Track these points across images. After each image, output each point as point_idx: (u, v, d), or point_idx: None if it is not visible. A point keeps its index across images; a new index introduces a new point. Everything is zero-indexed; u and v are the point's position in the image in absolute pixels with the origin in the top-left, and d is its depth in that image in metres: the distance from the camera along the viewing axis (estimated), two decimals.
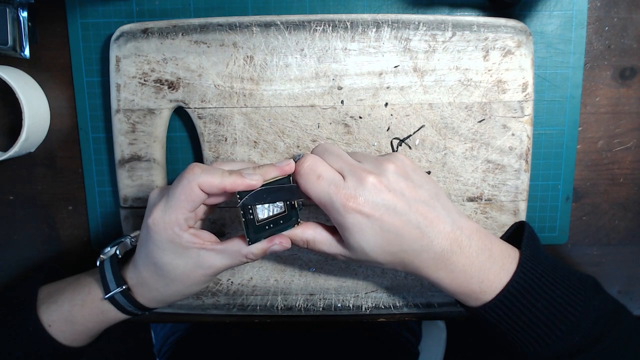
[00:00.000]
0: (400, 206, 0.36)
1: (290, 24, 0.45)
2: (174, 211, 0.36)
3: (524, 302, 0.37)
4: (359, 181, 0.36)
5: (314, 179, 0.37)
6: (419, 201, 0.37)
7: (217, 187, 0.35)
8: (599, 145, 0.50)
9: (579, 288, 0.37)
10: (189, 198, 0.35)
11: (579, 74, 0.48)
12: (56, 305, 0.42)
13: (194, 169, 0.36)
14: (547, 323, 0.36)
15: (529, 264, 0.38)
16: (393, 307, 0.50)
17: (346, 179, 0.36)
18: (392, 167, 0.37)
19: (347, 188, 0.36)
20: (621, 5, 0.48)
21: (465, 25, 0.45)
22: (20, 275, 0.54)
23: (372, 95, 0.46)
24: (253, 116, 0.47)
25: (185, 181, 0.35)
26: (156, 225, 0.37)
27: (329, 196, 0.36)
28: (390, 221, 0.36)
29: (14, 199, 0.52)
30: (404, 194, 0.36)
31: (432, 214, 0.37)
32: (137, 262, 0.40)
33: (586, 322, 0.36)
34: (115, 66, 0.46)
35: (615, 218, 0.52)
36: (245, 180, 0.35)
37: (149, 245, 0.38)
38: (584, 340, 0.36)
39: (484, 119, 0.46)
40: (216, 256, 0.38)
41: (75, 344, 0.42)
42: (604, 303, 0.38)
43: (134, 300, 0.41)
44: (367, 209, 0.35)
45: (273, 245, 0.38)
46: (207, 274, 0.39)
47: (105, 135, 0.50)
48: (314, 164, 0.37)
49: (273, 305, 0.50)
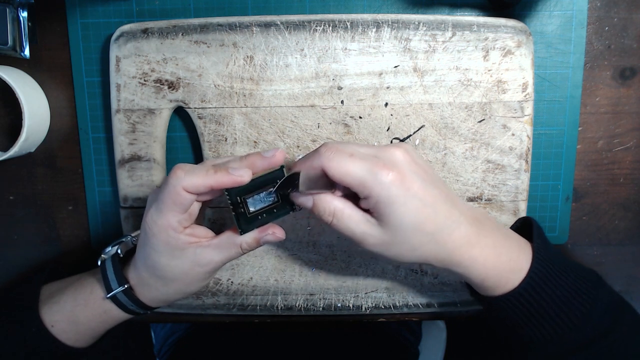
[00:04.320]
0: (429, 180, 0.35)
1: (290, 24, 0.45)
2: (164, 215, 0.36)
3: (546, 289, 0.36)
4: (392, 155, 0.35)
5: (347, 157, 0.34)
6: (437, 178, 0.37)
7: (203, 186, 0.35)
8: (599, 145, 0.50)
9: (588, 279, 0.38)
10: (176, 202, 0.35)
11: (579, 74, 0.48)
12: (58, 305, 0.42)
13: (177, 172, 0.35)
14: (564, 312, 0.36)
15: (543, 253, 0.38)
16: (393, 307, 0.50)
17: (377, 155, 0.35)
18: (408, 146, 0.36)
19: (384, 160, 0.34)
20: (621, 5, 0.48)
21: (465, 25, 0.45)
22: (20, 275, 0.54)
23: (372, 95, 0.46)
24: (253, 116, 0.47)
25: (170, 186, 0.35)
26: (151, 228, 0.37)
27: (369, 169, 0.33)
28: (427, 194, 0.34)
29: (14, 199, 0.52)
30: (427, 170, 0.36)
31: (449, 191, 0.37)
32: (137, 263, 0.40)
33: (596, 311, 0.36)
34: (115, 66, 0.46)
35: (615, 218, 0.52)
36: (232, 176, 0.35)
37: (147, 248, 0.38)
38: (595, 330, 0.36)
39: (484, 119, 0.46)
40: (213, 251, 0.38)
41: (78, 344, 0.42)
42: (610, 294, 0.38)
43: (136, 299, 0.41)
44: (408, 180, 0.34)
45: (266, 235, 0.37)
46: (205, 270, 0.39)
47: (105, 135, 0.50)
48: (339, 145, 0.35)
49: (273, 305, 0.50)
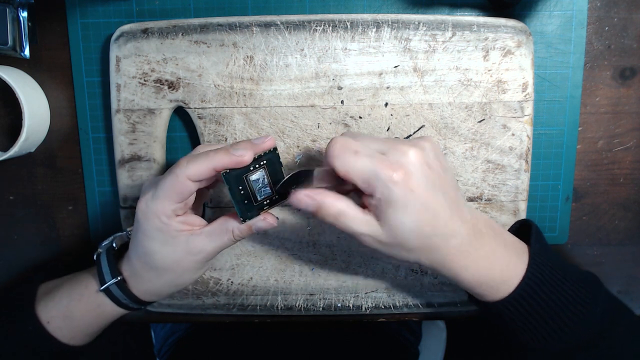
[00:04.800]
0: (438, 184, 0.35)
1: (290, 24, 0.45)
2: (160, 202, 0.36)
3: (541, 294, 0.36)
4: (402, 154, 0.34)
5: (351, 154, 0.34)
6: (448, 182, 0.36)
7: (206, 170, 0.35)
8: (599, 145, 0.50)
9: (586, 282, 0.38)
10: (177, 190, 0.36)
11: (579, 74, 0.48)
12: (54, 301, 0.42)
13: (181, 161, 0.36)
14: (561, 315, 0.36)
15: (540, 257, 0.38)
16: (393, 307, 0.50)
17: (387, 153, 0.35)
18: (428, 145, 0.36)
19: (390, 160, 0.34)
20: (621, 5, 0.48)
21: (465, 25, 0.45)
22: (20, 275, 0.54)
23: (372, 95, 0.46)
24: (253, 116, 0.47)
25: (173, 175, 0.36)
26: (144, 214, 0.37)
27: (373, 168, 0.33)
28: (430, 199, 0.34)
29: (14, 199, 0.52)
30: (439, 173, 0.35)
31: (457, 197, 0.36)
32: (130, 254, 0.41)
33: (594, 314, 0.36)
34: (115, 66, 0.46)
35: (615, 218, 0.52)
36: (233, 156, 0.35)
37: (139, 235, 0.39)
38: (593, 333, 0.36)
39: (484, 119, 0.46)
40: (205, 239, 0.38)
41: (74, 342, 0.42)
42: (608, 296, 0.38)
43: (129, 293, 0.41)
44: (413, 183, 0.33)
45: (257, 221, 0.38)
46: (197, 260, 0.39)
47: (105, 135, 0.50)
48: (346, 141, 0.35)
49: (273, 305, 0.50)
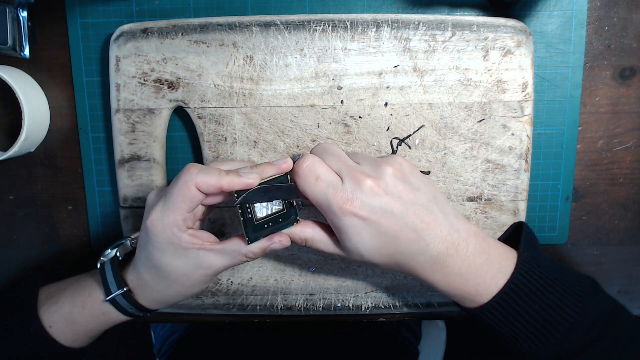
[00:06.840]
0: (397, 210, 0.36)
1: (290, 24, 0.45)
2: (172, 212, 0.36)
3: (521, 304, 0.37)
4: (357, 184, 0.36)
5: (313, 180, 0.36)
6: (416, 204, 0.37)
7: (214, 186, 0.35)
8: (599, 145, 0.50)
9: (576, 289, 0.37)
10: (186, 199, 0.35)
11: (579, 74, 0.48)
12: (57, 306, 0.41)
13: (190, 169, 0.36)
14: (545, 325, 0.36)
15: (526, 267, 0.38)
16: (393, 307, 0.50)
17: (344, 181, 0.36)
18: (390, 170, 0.37)
19: (344, 191, 0.36)
20: (621, 5, 0.48)
21: (465, 25, 0.45)
22: (20, 276, 0.54)
23: (372, 95, 0.46)
24: (253, 116, 0.47)
25: (182, 182, 0.35)
26: (155, 227, 0.37)
27: (327, 198, 0.36)
28: (387, 225, 0.36)
29: (14, 199, 0.52)
30: (401, 198, 0.36)
31: (429, 217, 0.37)
32: (137, 265, 0.40)
33: (584, 323, 0.36)
34: (115, 66, 0.46)
35: (615, 218, 0.52)
36: (243, 179, 0.35)
37: (149, 248, 0.38)
38: (582, 342, 0.36)
39: (484, 119, 0.46)
40: (216, 256, 0.38)
41: (76, 345, 0.42)
42: (602, 304, 0.38)
43: (136, 302, 0.41)
44: (364, 213, 0.35)
45: (272, 244, 0.38)
46: (207, 274, 0.39)
47: (105, 135, 0.50)
48: (313, 165, 0.37)
49: (273, 305, 0.50)
